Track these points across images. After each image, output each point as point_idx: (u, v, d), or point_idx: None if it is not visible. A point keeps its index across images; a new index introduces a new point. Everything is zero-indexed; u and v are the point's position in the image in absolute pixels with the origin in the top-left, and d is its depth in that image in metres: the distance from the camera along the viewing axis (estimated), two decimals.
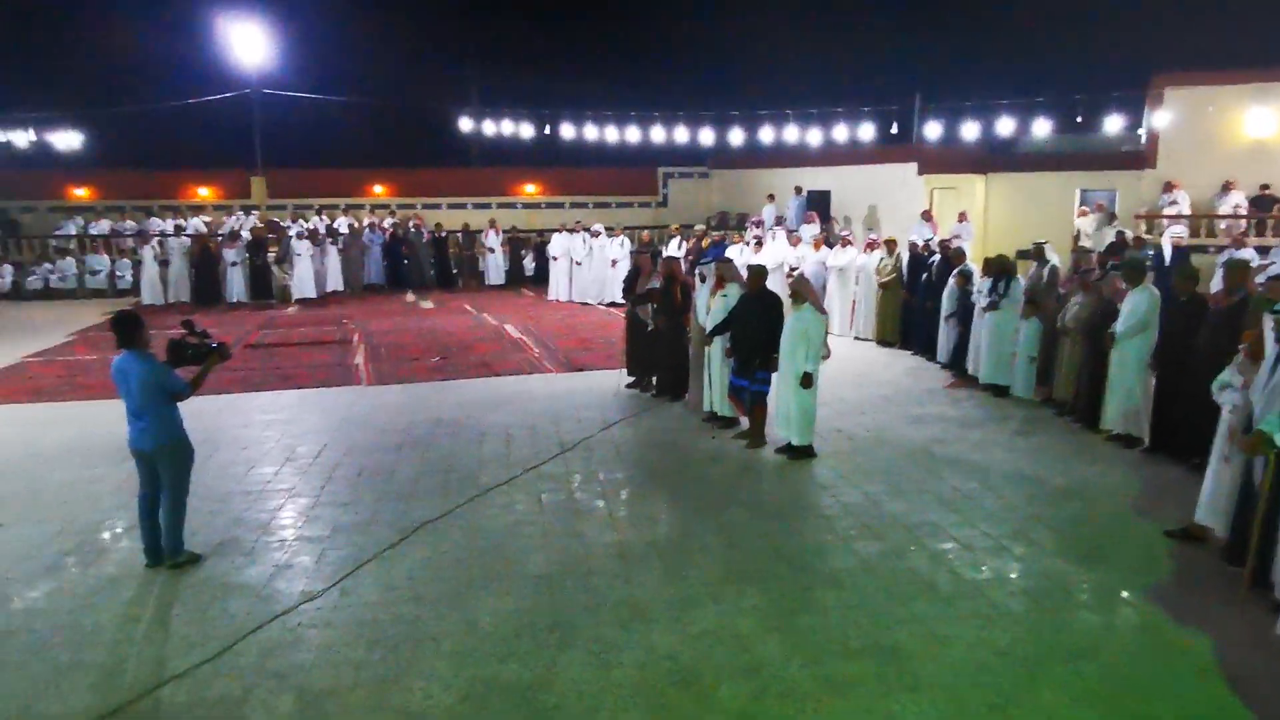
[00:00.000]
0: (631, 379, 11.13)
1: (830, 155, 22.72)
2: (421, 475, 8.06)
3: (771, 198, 21.69)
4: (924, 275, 12.99)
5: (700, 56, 31.35)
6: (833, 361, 8.81)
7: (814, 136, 23.31)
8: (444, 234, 22.67)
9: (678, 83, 29.81)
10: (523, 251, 22.50)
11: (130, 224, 22.89)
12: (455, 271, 22.48)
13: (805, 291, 8.52)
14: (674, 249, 17.33)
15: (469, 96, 28.94)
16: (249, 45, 24.78)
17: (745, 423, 9.06)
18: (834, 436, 9.09)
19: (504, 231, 22.51)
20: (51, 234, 22.85)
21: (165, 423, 5.98)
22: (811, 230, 18.05)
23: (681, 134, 24.00)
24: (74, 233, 22.78)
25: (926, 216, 17.85)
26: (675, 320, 10.19)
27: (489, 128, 23.91)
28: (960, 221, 17.83)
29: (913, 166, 19.90)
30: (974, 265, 12.12)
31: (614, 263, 18.38)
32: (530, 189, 27.28)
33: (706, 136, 24.23)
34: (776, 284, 13.32)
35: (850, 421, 9.71)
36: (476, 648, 5.14)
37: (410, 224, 22.91)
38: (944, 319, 11.94)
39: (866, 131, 23.28)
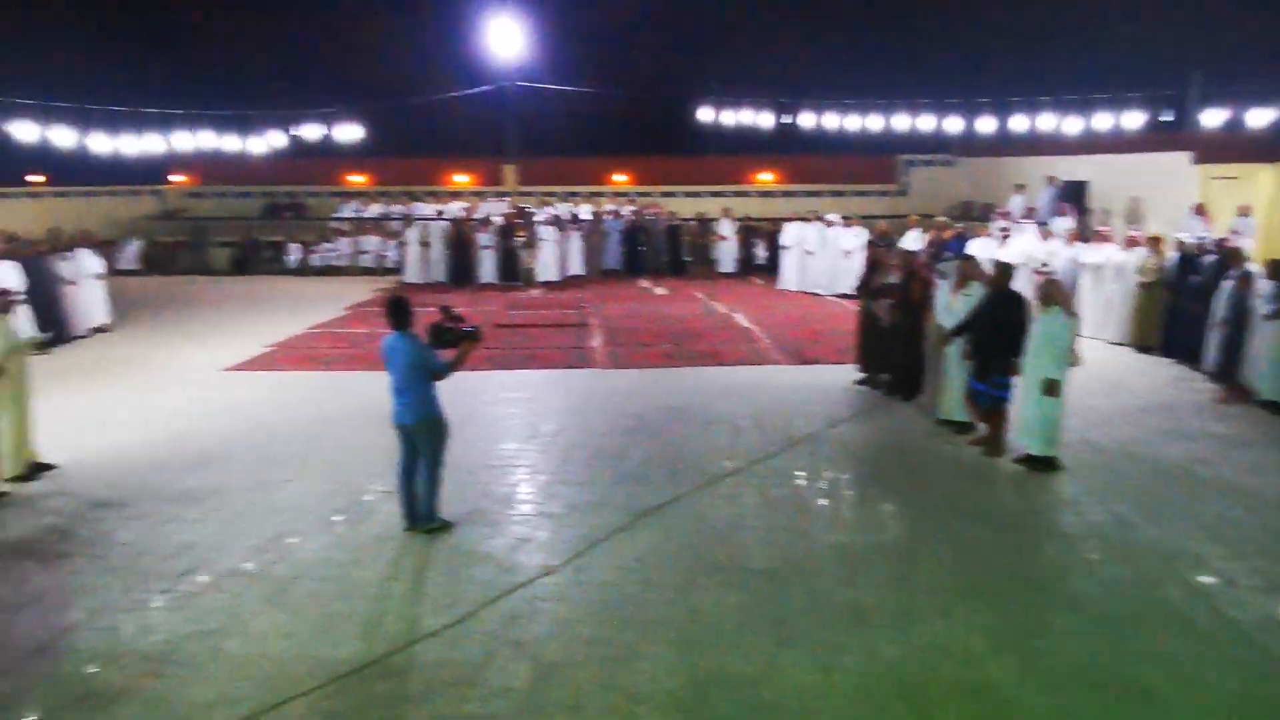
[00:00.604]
0: (863, 375, 10.82)
1: (1089, 144, 20.86)
2: (652, 460, 8.22)
3: (1021, 188, 20.27)
4: (1194, 276, 11.73)
5: (946, 40, 29.76)
6: (1083, 367, 8.14)
7: (1072, 125, 21.49)
8: (679, 222, 22.97)
9: (921, 68, 28.41)
10: (754, 240, 22.39)
11: (398, 208, 24.80)
12: (688, 259, 22.73)
13: (1055, 294, 7.93)
14: (912, 241, 16.63)
15: (708, 86, 29.07)
16: (505, 41, 26.08)
17: (982, 429, 8.56)
18: (1081, 449, 8.42)
19: (737, 220, 22.49)
20: (331, 216, 25.21)
21: (425, 400, 6.42)
22: (1064, 224, 16.78)
23: (926, 122, 22.88)
24: (349, 215, 25.02)
25: (1200, 211, 16.07)
26: (912, 318, 9.79)
27: (727, 117, 23.86)
28: (1241, 216, 15.93)
29: (1186, 155, 17.91)
30: (1256, 266, 10.83)
31: (847, 253, 17.90)
32: (765, 177, 27.07)
33: (953, 125, 22.93)
34: (1023, 280, 12.54)
35: (1100, 433, 8.96)
36: (701, 637, 5.19)
37: (648, 212, 23.39)
38: (1217, 325, 10.72)
39: (1133, 120, 21.19)
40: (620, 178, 27.28)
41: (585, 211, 23.37)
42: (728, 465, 8.04)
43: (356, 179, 27.80)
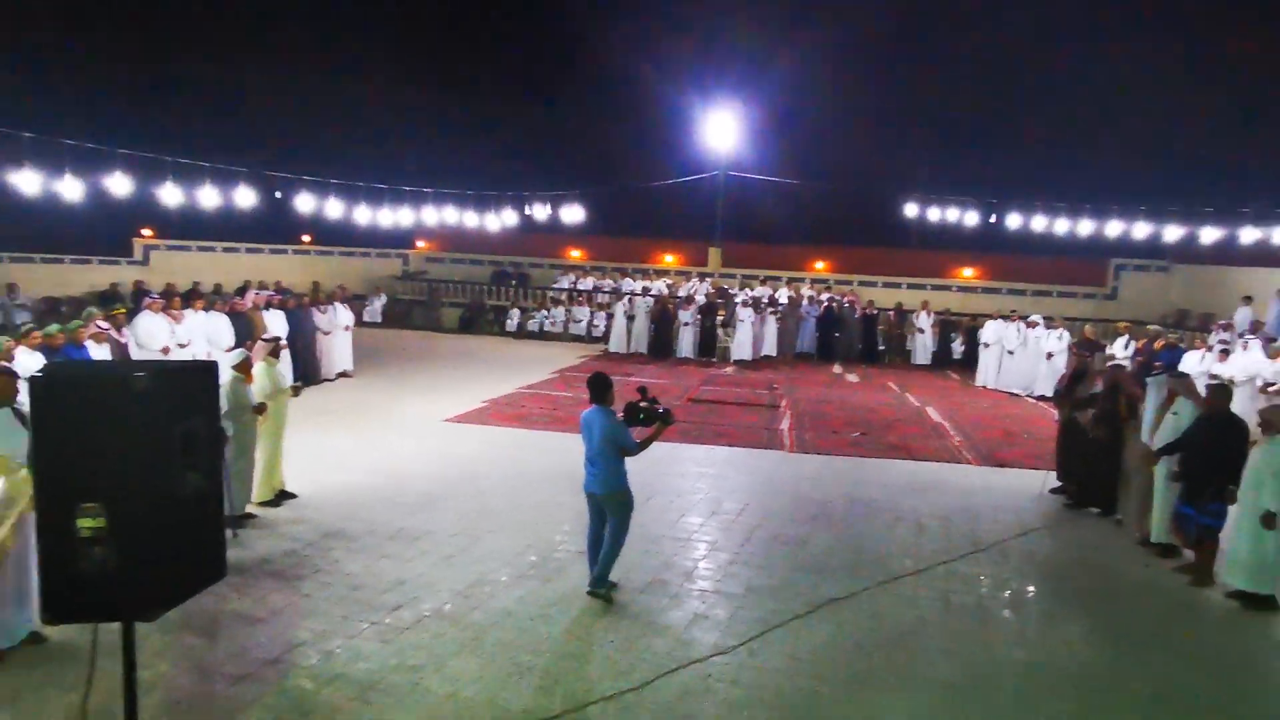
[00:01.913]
0: (1059, 484, 10.14)
1: None
2: (833, 550, 8.01)
3: (1248, 300, 18.51)
4: None
5: (1162, 149, 27.98)
6: None
7: None
8: (875, 311, 22.61)
9: (1135, 174, 26.84)
10: (953, 335, 21.65)
11: (608, 283, 25.86)
12: (882, 348, 22.26)
13: None
14: (1120, 348, 15.58)
15: (915, 181, 28.71)
16: (720, 134, 26.93)
17: (1189, 556, 7.79)
18: None
19: (935, 313, 21.88)
20: (549, 286, 26.58)
21: (614, 473, 6.54)
22: None
23: (1141, 229, 21.42)
24: (565, 287, 26.28)
25: None
26: (1115, 431, 9.14)
27: (933, 213, 23.42)
28: None
29: None
30: None
31: (1049, 355, 16.97)
32: (967, 273, 26.26)
33: (1172, 233, 21.35)
34: (1245, 399, 11.42)
35: None
36: None
37: (845, 300, 23.17)
38: None
39: None
40: (820, 264, 27.22)
41: (783, 295, 23.44)
42: (909, 564, 7.71)
43: (575, 254, 29.30)
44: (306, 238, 28.48)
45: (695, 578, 7.23)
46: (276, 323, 14.34)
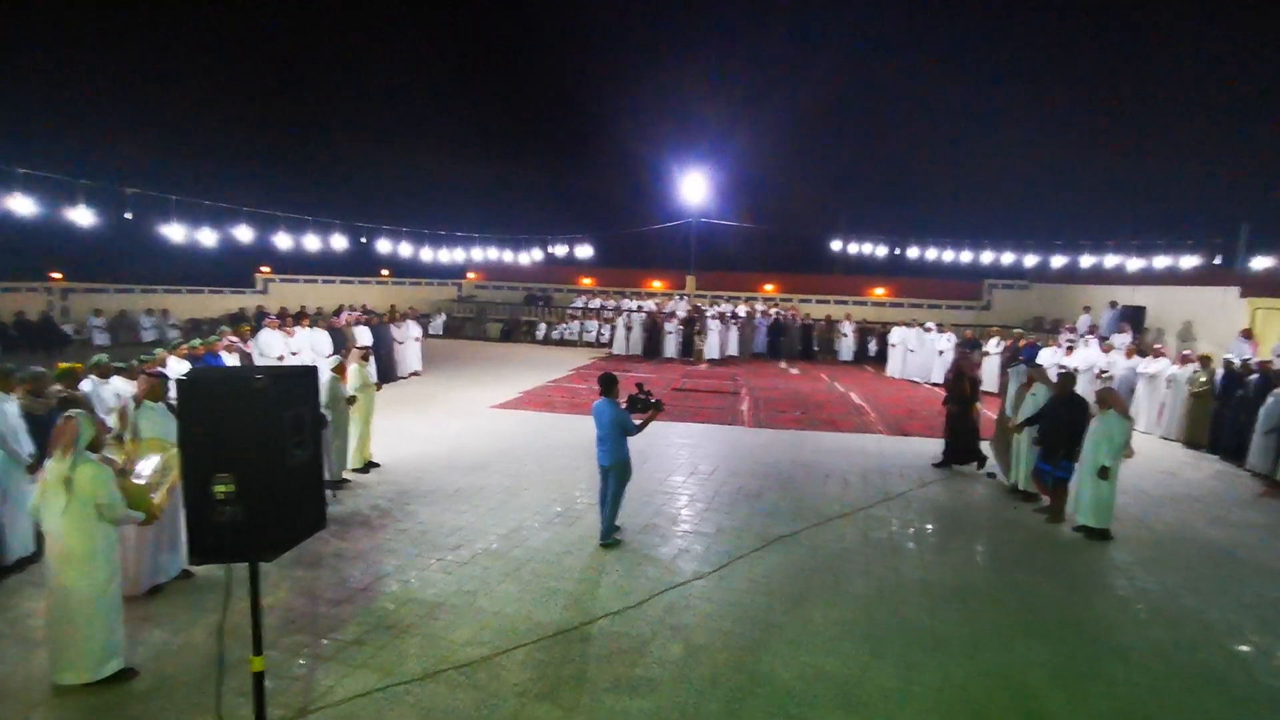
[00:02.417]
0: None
1: (1148, 277, 18.83)
2: (781, 500, 7.99)
3: (1087, 309, 18.54)
4: (1239, 391, 10.29)
5: (1020, 197, 28.12)
6: (1138, 458, 7.28)
7: (1134, 264, 19.42)
8: (811, 321, 22.55)
9: (1004, 215, 26.99)
10: (869, 338, 21.61)
11: (611, 303, 25.73)
12: (816, 349, 22.20)
13: (1112, 400, 7.17)
14: (993, 346, 15.58)
15: (839, 223, 28.69)
16: (693, 189, 26.88)
17: (1046, 500, 7.80)
18: (1133, 525, 7.49)
19: (856, 322, 21.83)
20: (568, 306, 26.47)
21: (619, 449, 6.45)
22: (1123, 339, 15.20)
23: (1008, 257, 21.40)
24: (580, 305, 26.16)
25: (1247, 335, 14.10)
26: (962, 404, 9.17)
27: (853, 247, 23.42)
28: None
29: (1235, 290, 15.86)
30: None
31: (940, 352, 16.96)
32: (879, 291, 26.19)
33: (1030, 260, 21.34)
34: (1085, 384, 11.43)
35: (1151, 514, 7.93)
36: (808, 640, 4.97)
37: (788, 313, 23.10)
38: (1263, 434, 9.33)
39: (1188, 261, 18.91)
40: (769, 287, 27.15)
41: (742, 310, 23.39)
42: (837, 509, 7.70)
43: (586, 281, 29.16)
44: (385, 271, 28.30)
45: (679, 522, 7.20)
46: (364, 335, 14.26)
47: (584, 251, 24.62)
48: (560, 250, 24.39)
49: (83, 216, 12.09)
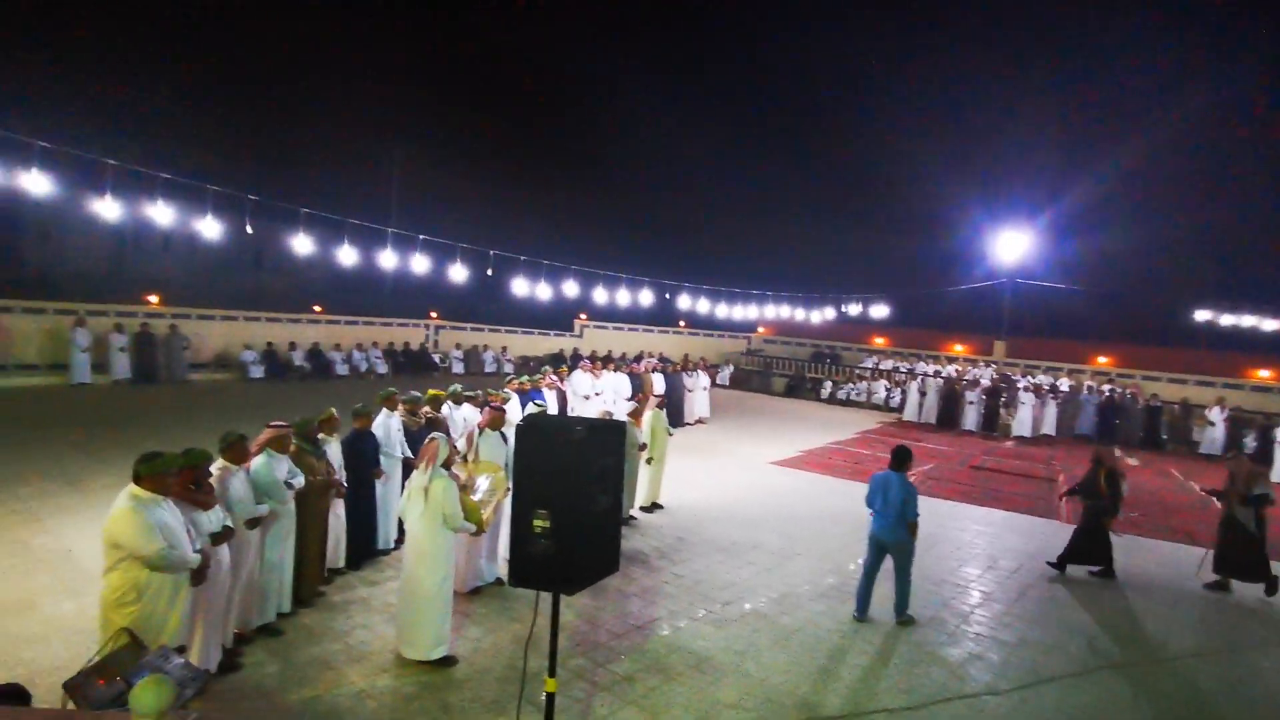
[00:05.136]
0: None
1: None
2: (1108, 619, 6.67)
3: None
4: None
5: None
6: None
7: None
8: (1159, 403, 18.72)
9: None
10: (1244, 430, 17.20)
11: (904, 365, 24.19)
12: (1165, 437, 18.31)
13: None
14: None
15: (1205, 289, 23.59)
16: (1010, 247, 24.40)
17: None
18: None
19: (1229, 409, 17.58)
20: (857, 365, 25.51)
21: (899, 527, 6.05)
22: None
23: None
24: (869, 365, 25.05)
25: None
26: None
27: (1226, 318, 19.08)
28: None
29: None
30: None
31: None
32: (1264, 374, 20.79)
33: None
34: None
35: None
36: None
37: (1127, 390, 19.50)
38: None
39: None
40: (1102, 359, 23.20)
41: (1064, 384, 20.33)
42: (1192, 645, 6.17)
43: (878, 340, 27.86)
44: (682, 322, 30.25)
45: (971, 622, 6.40)
46: (659, 382, 15.30)
47: (878, 311, 23.61)
48: (853, 309, 23.71)
49: (458, 273, 15.42)
